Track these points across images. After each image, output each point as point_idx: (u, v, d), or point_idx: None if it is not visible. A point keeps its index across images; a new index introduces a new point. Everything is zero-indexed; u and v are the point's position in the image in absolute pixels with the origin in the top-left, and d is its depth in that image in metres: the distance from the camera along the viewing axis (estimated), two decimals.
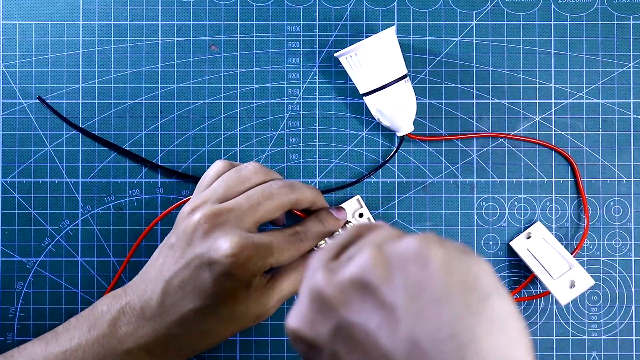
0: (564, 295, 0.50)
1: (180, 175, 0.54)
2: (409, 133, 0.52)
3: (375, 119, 0.54)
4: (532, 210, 0.54)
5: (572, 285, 0.50)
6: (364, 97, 0.51)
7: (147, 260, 0.46)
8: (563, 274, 0.50)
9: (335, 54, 0.51)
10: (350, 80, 0.54)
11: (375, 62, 0.49)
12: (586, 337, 0.54)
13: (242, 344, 0.54)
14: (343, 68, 0.54)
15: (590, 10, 0.55)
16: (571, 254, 0.52)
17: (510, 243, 0.53)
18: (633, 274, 0.54)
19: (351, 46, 0.50)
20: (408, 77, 0.51)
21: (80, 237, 0.54)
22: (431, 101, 0.54)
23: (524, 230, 0.53)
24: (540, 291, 0.54)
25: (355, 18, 0.55)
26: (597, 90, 0.54)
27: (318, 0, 0.55)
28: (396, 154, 0.54)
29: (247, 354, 0.54)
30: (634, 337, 0.54)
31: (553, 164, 0.54)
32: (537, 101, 0.54)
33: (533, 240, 0.52)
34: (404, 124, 0.52)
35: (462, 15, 0.55)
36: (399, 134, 0.53)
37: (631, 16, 0.54)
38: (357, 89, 0.54)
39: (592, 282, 0.50)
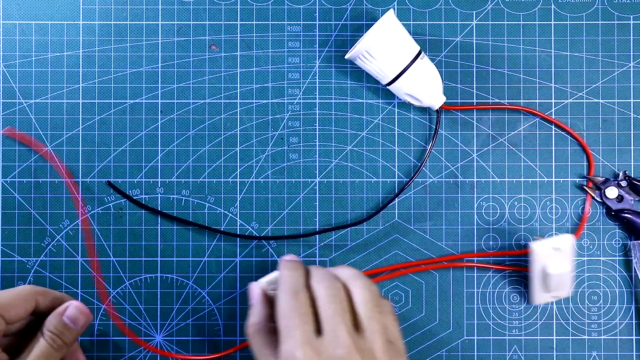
0: (538, 298, 0.52)
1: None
2: (443, 104, 0.52)
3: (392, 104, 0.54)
4: (532, 210, 0.54)
5: (552, 297, 0.52)
6: (389, 87, 0.51)
7: (148, 260, 0.46)
8: (554, 291, 0.52)
9: (346, 56, 0.51)
10: (350, 80, 0.54)
11: (387, 50, 0.49)
12: (586, 337, 0.54)
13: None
14: (343, 68, 0.54)
15: (590, 10, 0.55)
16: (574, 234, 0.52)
17: (532, 244, 0.50)
18: (633, 274, 0.54)
19: (358, 43, 0.49)
20: (422, 52, 0.51)
21: (80, 237, 0.54)
22: None
23: (552, 235, 0.51)
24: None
25: (355, 18, 0.55)
26: (597, 90, 0.54)
27: (318, 0, 0.55)
28: (437, 133, 0.54)
29: (248, 353, 0.54)
30: (634, 337, 0.54)
31: (553, 164, 0.54)
32: (537, 101, 0.54)
33: (556, 257, 0.50)
34: (435, 98, 0.52)
35: (462, 15, 0.55)
36: (434, 109, 0.53)
37: (631, 16, 0.54)
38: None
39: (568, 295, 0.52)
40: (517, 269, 0.54)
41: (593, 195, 0.54)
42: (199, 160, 0.54)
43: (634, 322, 0.54)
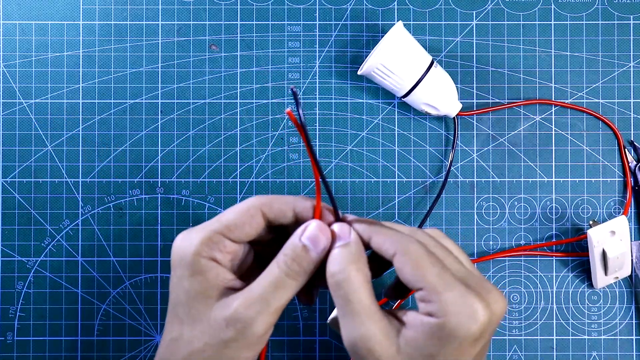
0: (600, 282, 0.52)
1: None
2: (460, 111, 0.52)
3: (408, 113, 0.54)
4: (532, 210, 0.54)
5: (613, 278, 0.53)
6: (404, 99, 0.51)
7: (147, 260, 0.46)
8: (615, 272, 0.52)
9: (359, 72, 0.51)
10: (350, 80, 0.54)
11: (402, 61, 0.49)
12: (586, 337, 0.54)
13: None
14: (343, 68, 0.54)
15: (590, 10, 0.55)
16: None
17: (589, 231, 0.51)
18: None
19: (369, 57, 0.49)
20: (435, 61, 0.51)
21: (80, 237, 0.54)
22: None
23: (606, 221, 0.51)
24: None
25: (355, 18, 0.55)
26: (597, 90, 0.54)
27: (318, 0, 0.55)
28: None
29: None
30: (634, 337, 0.54)
31: (553, 163, 0.54)
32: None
33: (613, 240, 0.51)
34: (452, 106, 0.52)
35: (462, 15, 0.55)
36: (451, 116, 0.53)
37: (631, 16, 0.54)
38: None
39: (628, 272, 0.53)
40: (577, 255, 0.54)
41: (628, 161, 0.53)
42: (199, 160, 0.54)
43: (634, 322, 0.54)
